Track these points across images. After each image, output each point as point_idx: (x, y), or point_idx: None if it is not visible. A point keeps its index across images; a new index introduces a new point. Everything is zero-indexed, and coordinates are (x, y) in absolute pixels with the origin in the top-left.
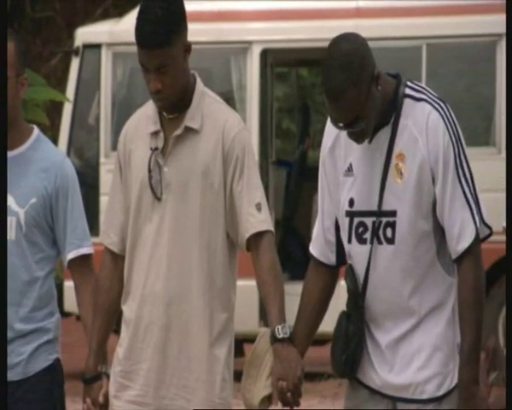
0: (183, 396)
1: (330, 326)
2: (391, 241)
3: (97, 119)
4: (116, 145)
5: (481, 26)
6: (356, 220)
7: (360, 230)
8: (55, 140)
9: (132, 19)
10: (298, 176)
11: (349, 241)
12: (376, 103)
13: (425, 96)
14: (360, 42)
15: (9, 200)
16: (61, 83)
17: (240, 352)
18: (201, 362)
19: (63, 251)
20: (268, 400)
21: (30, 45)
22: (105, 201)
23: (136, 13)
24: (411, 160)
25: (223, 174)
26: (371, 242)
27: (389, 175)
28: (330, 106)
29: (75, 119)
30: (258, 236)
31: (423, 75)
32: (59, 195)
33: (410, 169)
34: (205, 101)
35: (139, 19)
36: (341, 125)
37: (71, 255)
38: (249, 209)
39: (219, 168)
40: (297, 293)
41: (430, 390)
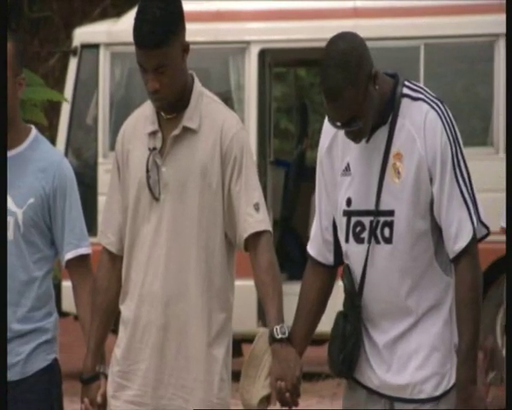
0: (182, 396)
1: (328, 326)
2: (388, 240)
3: (95, 119)
4: (114, 145)
5: (479, 27)
6: (353, 220)
7: (357, 229)
8: (53, 140)
9: (130, 19)
10: (296, 176)
11: (346, 240)
12: (374, 103)
13: (422, 95)
14: (358, 41)
15: (7, 200)
16: (59, 83)
17: (238, 352)
18: (199, 362)
19: (61, 251)
20: (266, 400)
21: (28, 45)
22: (103, 201)
23: (134, 13)
24: (409, 159)
25: (221, 174)
26: (369, 241)
27: (387, 174)
28: (328, 105)
29: (73, 119)
30: (256, 236)
31: (421, 75)
32: (57, 195)
33: (408, 169)
34: (203, 101)
35: (137, 19)
36: (339, 124)
37: (69, 255)
38: (247, 209)
39: (217, 168)
40: (295, 293)
41: (428, 390)
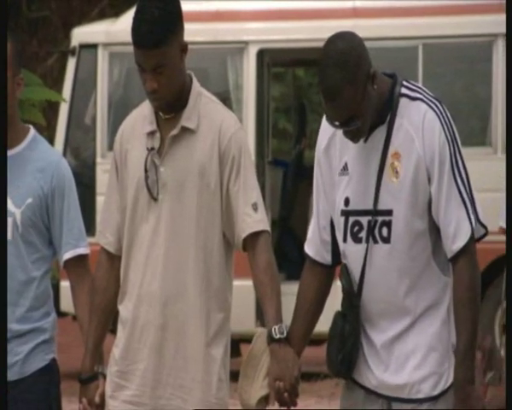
0: (180, 396)
1: (326, 326)
2: (386, 240)
3: (94, 119)
4: (112, 145)
5: (478, 27)
6: (351, 219)
7: (355, 229)
8: (52, 140)
9: (129, 19)
10: (294, 176)
11: (344, 240)
12: (372, 102)
13: (421, 95)
14: (356, 41)
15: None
16: (58, 83)
17: (236, 352)
18: (198, 362)
19: (59, 251)
20: (265, 400)
21: (26, 45)
22: (101, 201)
23: (132, 13)
24: (407, 159)
25: (219, 174)
26: (367, 241)
27: (385, 174)
28: (326, 105)
29: (71, 119)
30: (254, 236)
31: (420, 75)
32: (55, 195)
33: (406, 168)
34: (201, 101)
35: (136, 19)
36: (337, 123)
37: (67, 255)
38: (245, 209)
39: (216, 168)
40: (293, 293)
41: (425, 390)
